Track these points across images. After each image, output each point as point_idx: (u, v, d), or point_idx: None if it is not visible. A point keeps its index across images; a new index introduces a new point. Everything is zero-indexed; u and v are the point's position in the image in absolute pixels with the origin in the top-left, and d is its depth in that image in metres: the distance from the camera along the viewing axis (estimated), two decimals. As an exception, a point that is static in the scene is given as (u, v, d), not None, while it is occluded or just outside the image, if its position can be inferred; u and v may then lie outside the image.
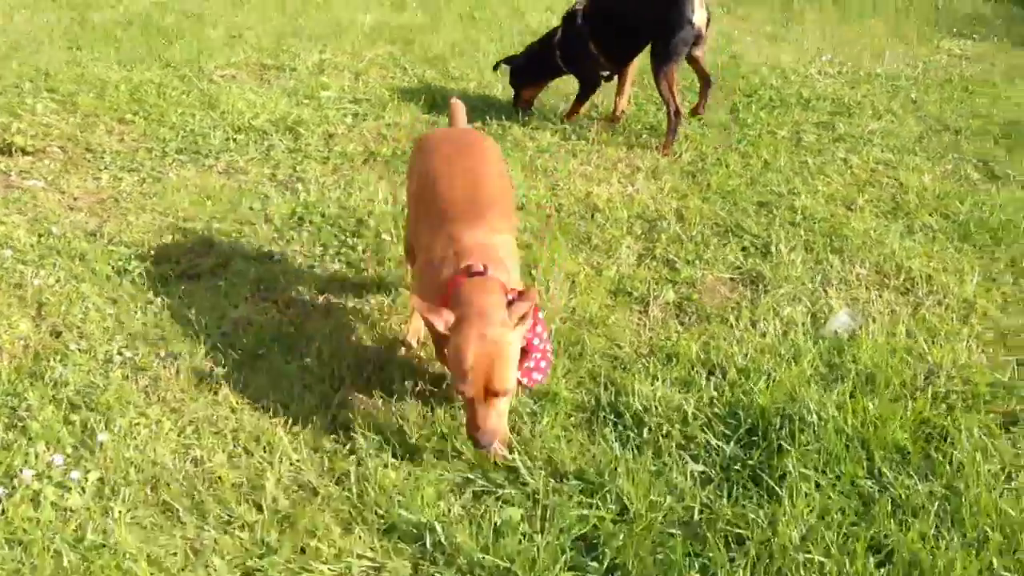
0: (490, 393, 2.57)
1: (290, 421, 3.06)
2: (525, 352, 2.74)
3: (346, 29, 7.07)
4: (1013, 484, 2.77)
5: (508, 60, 5.90)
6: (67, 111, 5.31)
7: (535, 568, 2.46)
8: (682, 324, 3.73)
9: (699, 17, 5.19)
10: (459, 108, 3.72)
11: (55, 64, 5.94)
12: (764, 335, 3.60)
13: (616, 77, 5.71)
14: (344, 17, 7.36)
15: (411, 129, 5.43)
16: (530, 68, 5.77)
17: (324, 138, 5.26)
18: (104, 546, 2.51)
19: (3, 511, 2.60)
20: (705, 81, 5.63)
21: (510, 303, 2.66)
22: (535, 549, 2.51)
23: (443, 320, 2.62)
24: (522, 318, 2.64)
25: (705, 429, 3.04)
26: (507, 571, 2.46)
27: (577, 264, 4.10)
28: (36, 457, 2.80)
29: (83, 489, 2.71)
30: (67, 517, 2.61)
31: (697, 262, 4.18)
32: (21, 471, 2.72)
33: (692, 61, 5.47)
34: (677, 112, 5.28)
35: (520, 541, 2.57)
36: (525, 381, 2.82)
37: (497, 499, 2.74)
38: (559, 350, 3.44)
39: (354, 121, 5.49)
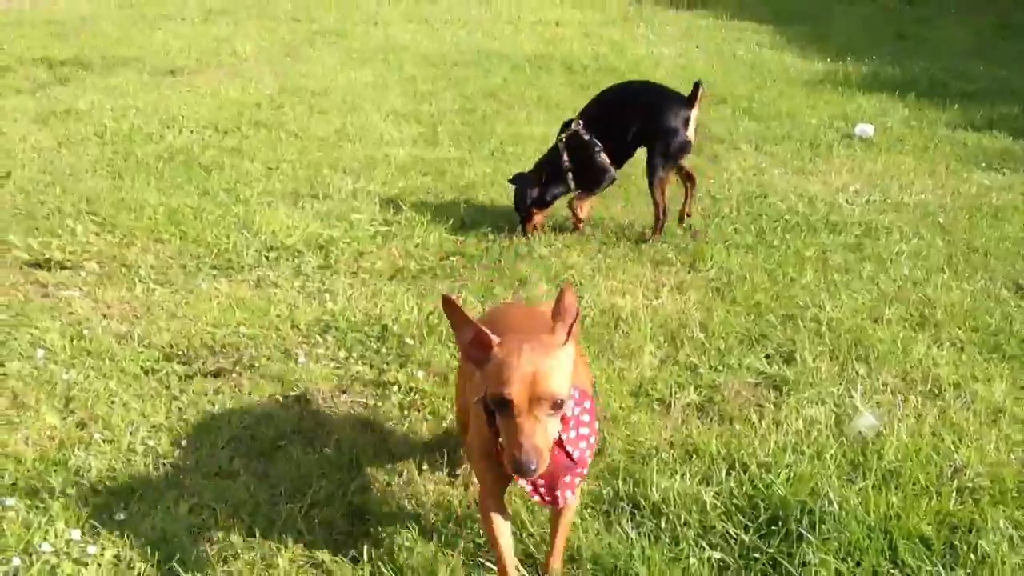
0: (536, 400, 2.14)
1: (306, 506, 3.05)
2: (574, 464, 2.33)
3: (380, 162, 7.31)
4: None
5: (516, 178, 6.07)
6: (106, 231, 5.51)
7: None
8: (703, 423, 3.70)
9: (691, 131, 5.79)
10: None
11: (97, 191, 6.20)
12: (787, 433, 3.56)
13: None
14: (379, 153, 7.63)
15: (439, 248, 5.56)
16: (542, 186, 5.96)
17: (354, 256, 5.39)
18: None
19: (15, 582, 2.61)
20: (691, 182, 6.15)
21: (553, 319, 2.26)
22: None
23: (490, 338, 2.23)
24: (570, 332, 2.22)
25: (724, 519, 2.99)
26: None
27: (599, 368, 4.11)
28: (56, 535, 2.82)
29: (99, 564, 2.70)
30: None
31: (720, 368, 4.17)
32: (40, 545, 2.73)
33: (678, 169, 6.02)
34: (665, 212, 5.87)
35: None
36: (572, 451, 2.33)
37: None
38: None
39: (384, 241, 5.63)
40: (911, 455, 3.30)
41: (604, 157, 5.89)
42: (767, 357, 4.28)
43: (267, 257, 5.30)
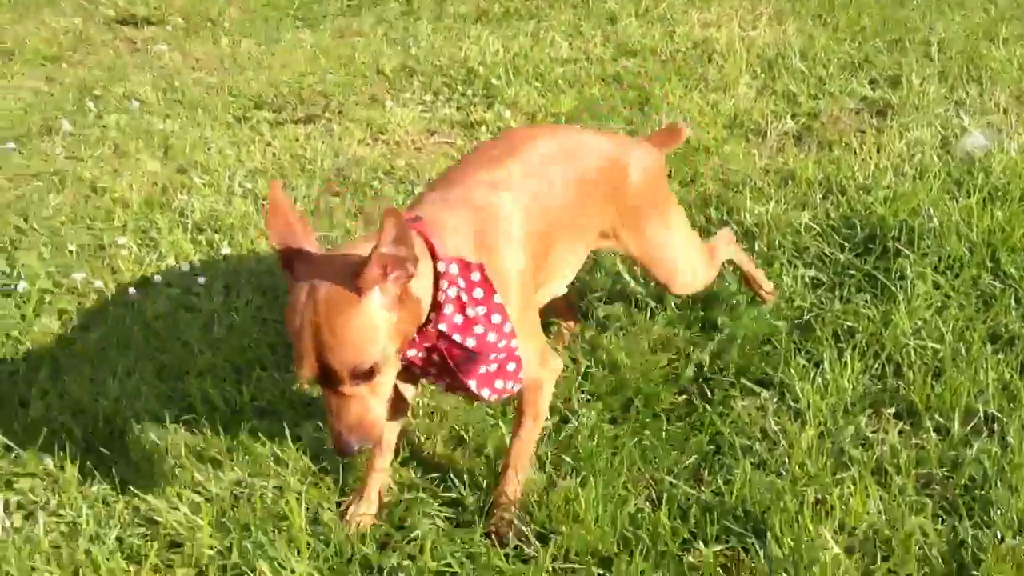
0: (331, 376, 1.60)
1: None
2: (476, 354, 1.76)
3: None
4: None
5: None
6: (189, -15, 5.46)
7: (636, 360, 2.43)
8: (800, 151, 3.58)
9: None
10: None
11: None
12: (889, 156, 3.43)
13: None
14: None
15: (526, -11, 5.35)
16: None
17: (436, 1, 5.24)
18: (230, 339, 2.62)
19: (140, 310, 2.76)
20: None
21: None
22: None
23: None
24: (382, 262, 1.57)
25: (819, 239, 2.94)
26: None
27: (692, 102, 3.98)
28: (166, 269, 2.95)
29: (210, 294, 2.83)
30: (195, 315, 2.74)
31: (820, 95, 4.00)
32: (153, 278, 2.88)
33: None
34: None
35: (620, 336, 2.54)
36: (486, 393, 1.81)
37: (599, 300, 2.70)
38: (670, 172, 3.37)
39: (467, -17, 5.44)
40: (1020, 171, 3.14)
41: None
42: (871, 82, 4.08)
43: (349, 6, 5.20)
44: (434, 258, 1.71)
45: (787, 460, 2.07)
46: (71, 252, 3.04)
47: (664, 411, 2.26)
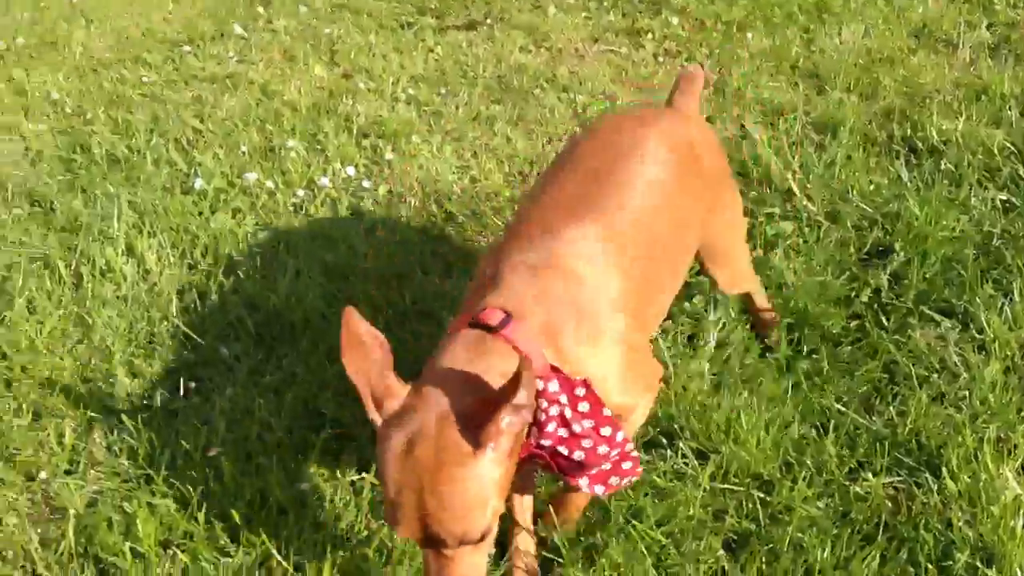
0: (434, 539, 1.36)
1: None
2: (581, 466, 1.50)
3: None
4: None
5: None
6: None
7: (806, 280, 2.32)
8: (995, 64, 3.31)
9: None
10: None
11: None
12: (1098, 71, 3.13)
13: None
14: None
15: None
16: None
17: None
18: (394, 242, 2.66)
19: (307, 211, 2.83)
20: None
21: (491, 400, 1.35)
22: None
23: (381, 408, 1.40)
24: (502, 427, 1.34)
25: (1014, 159, 2.72)
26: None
27: (877, 8, 3.73)
28: (333, 172, 3.00)
29: (375, 200, 2.87)
30: (360, 219, 2.78)
31: (1020, 3, 3.67)
32: (320, 180, 2.93)
33: None
34: None
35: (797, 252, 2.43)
36: (599, 491, 1.56)
37: (772, 217, 2.60)
38: (849, 85, 3.19)
39: None
40: None
41: None
42: (1083, -9, 3.71)
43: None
44: None
45: (968, 394, 1.94)
46: (244, 153, 3.13)
47: (835, 336, 2.15)
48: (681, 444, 1.89)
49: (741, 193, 2.62)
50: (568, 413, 1.45)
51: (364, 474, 1.90)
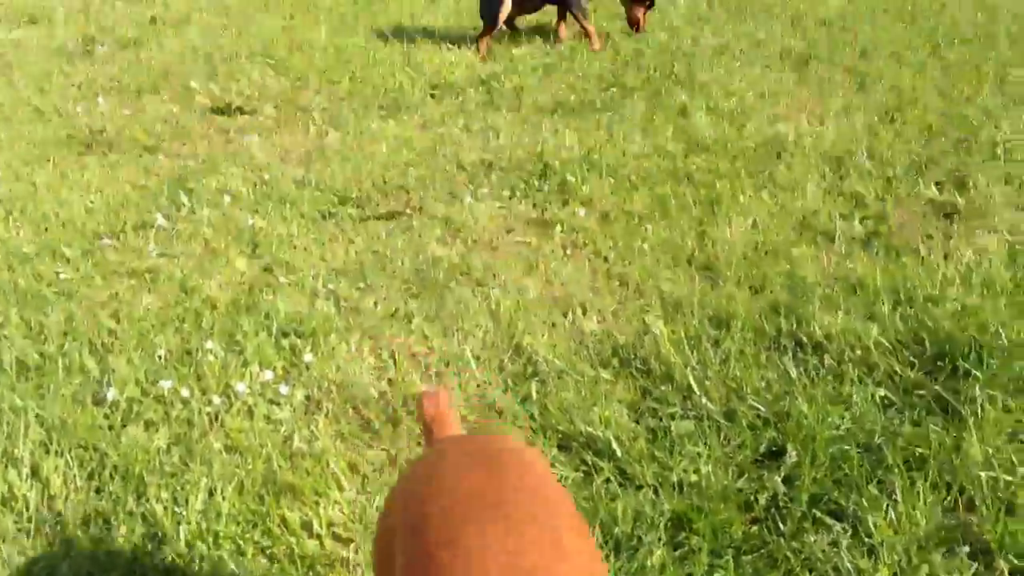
0: None
1: (476, 347, 3.24)
2: None
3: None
4: None
5: None
6: (280, 74, 5.73)
7: (711, 482, 2.51)
8: (869, 256, 3.65)
9: None
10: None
11: (270, 32, 6.41)
12: (956, 265, 3.48)
13: None
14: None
15: (599, 80, 5.51)
16: None
17: (516, 91, 5.42)
18: (309, 454, 2.75)
19: (222, 422, 2.91)
20: None
21: None
22: (710, 463, 2.57)
23: None
24: None
25: (888, 355, 3.00)
26: (681, 482, 2.54)
27: (761, 201, 4.08)
28: (251, 376, 3.09)
29: (292, 405, 2.97)
30: (276, 428, 2.88)
31: (888, 197, 4.07)
32: (237, 386, 3.02)
33: None
34: None
35: (699, 455, 2.62)
36: None
37: (672, 416, 2.80)
38: (740, 278, 3.47)
39: (544, 75, 5.62)
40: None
41: None
42: (937, 184, 4.14)
43: (432, 95, 5.41)
44: None
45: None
46: (160, 357, 3.20)
47: (737, 542, 2.32)
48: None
49: (645, 392, 2.85)
50: None
51: None
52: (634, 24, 6.21)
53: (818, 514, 2.37)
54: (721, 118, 4.95)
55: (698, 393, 2.88)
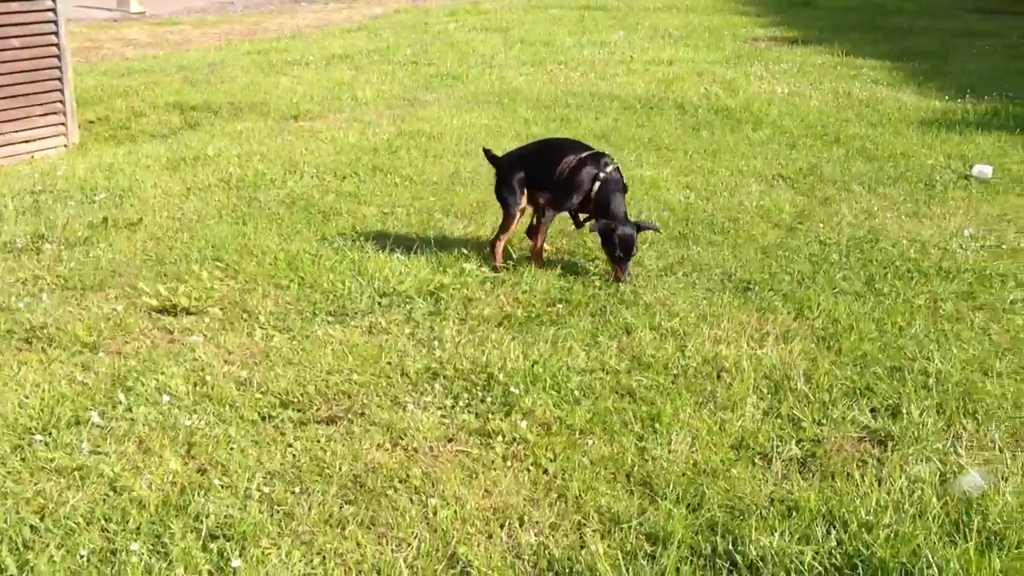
0: None
1: (410, 556, 3.18)
2: None
3: (491, 206, 7.50)
4: None
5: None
6: (229, 277, 5.82)
7: None
8: (805, 479, 3.69)
9: None
10: None
11: (222, 237, 6.56)
12: (889, 491, 3.52)
13: None
14: (490, 196, 7.82)
15: (546, 294, 5.67)
16: None
17: (463, 302, 5.55)
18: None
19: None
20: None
21: None
22: None
23: None
24: None
25: (822, 580, 2.98)
26: None
27: (701, 420, 4.14)
28: (175, 580, 3.00)
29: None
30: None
31: (824, 421, 4.15)
32: (161, 591, 2.92)
33: None
34: None
35: None
36: None
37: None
38: (678, 495, 3.48)
39: (492, 287, 5.77)
40: (1015, 517, 3.23)
41: None
42: (872, 411, 4.24)
43: (380, 303, 5.50)
44: None
45: None
46: (83, 557, 3.10)
47: None
48: None
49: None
50: None
51: None
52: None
53: None
54: (665, 337, 5.08)
55: (632, 612, 2.83)
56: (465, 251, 6.31)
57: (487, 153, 6.50)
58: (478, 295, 5.66)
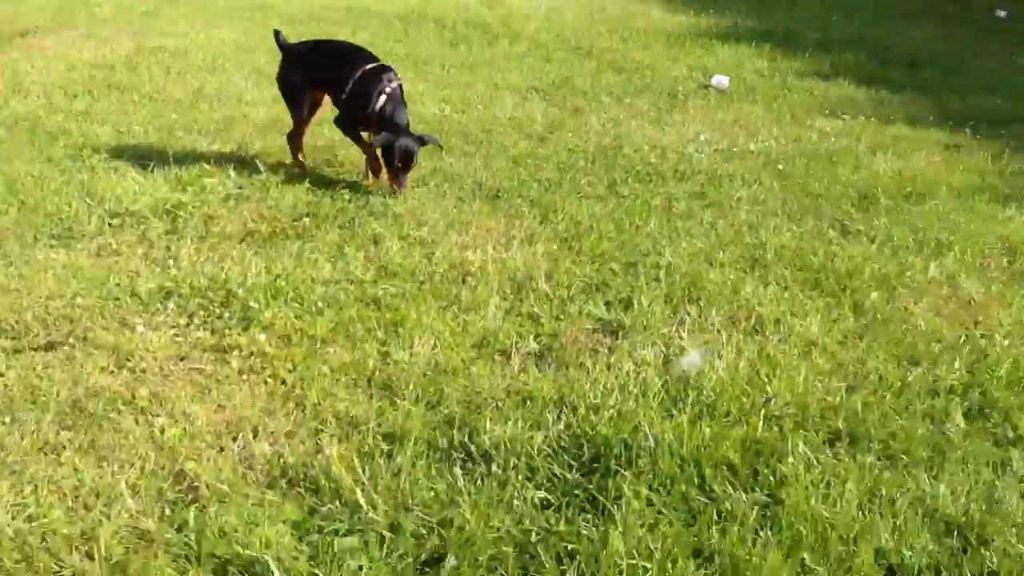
0: None
1: (133, 477, 3.04)
2: None
3: (238, 123, 7.20)
4: (830, 491, 2.88)
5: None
6: (-62, 204, 5.31)
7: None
8: (541, 371, 3.80)
9: None
10: None
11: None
12: (617, 376, 3.69)
13: None
14: (237, 113, 7.50)
15: (293, 209, 5.51)
16: None
17: (203, 220, 5.30)
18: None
19: None
20: None
21: None
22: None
23: None
24: None
25: (549, 460, 3.10)
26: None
27: (444, 322, 4.17)
28: None
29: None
30: None
31: (561, 316, 4.28)
32: None
33: None
34: None
35: (361, 568, 2.57)
36: None
37: (338, 533, 2.74)
38: (418, 395, 3.51)
39: (236, 204, 5.56)
40: (727, 389, 3.47)
41: None
42: (607, 304, 4.41)
43: (111, 224, 5.17)
44: None
45: None
46: None
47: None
48: None
49: (312, 511, 2.77)
50: None
51: None
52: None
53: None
54: (412, 246, 5.07)
55: (365, 507, 2.84)
56: (208, 167, 6.03)
57: (277, 37, 6.55)
58: (220, 212, 5.43)
